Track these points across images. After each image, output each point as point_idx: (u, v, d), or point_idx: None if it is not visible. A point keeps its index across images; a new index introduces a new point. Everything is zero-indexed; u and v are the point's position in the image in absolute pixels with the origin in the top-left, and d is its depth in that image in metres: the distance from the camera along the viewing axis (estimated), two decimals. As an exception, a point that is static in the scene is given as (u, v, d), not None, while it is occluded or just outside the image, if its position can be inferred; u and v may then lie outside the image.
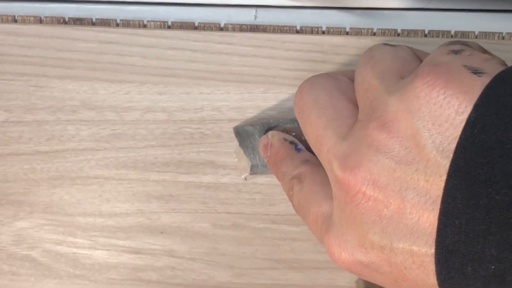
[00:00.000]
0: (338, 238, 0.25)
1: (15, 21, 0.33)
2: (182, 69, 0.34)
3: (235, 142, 0.33)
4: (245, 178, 0.34)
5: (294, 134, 0.32)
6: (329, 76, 0.28)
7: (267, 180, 0.34)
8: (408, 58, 0.26)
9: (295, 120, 0.32)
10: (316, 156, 0.28)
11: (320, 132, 0.26)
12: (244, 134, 0.32)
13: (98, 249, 0.35)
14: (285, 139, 0.31)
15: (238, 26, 0.33)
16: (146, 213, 0.35)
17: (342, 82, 0.27)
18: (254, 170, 0.33)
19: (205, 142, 0.34)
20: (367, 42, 0.32)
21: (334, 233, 0.25)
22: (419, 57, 0.26)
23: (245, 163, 0.33)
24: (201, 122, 0.34)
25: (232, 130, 0.33)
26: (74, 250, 0.35)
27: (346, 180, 0.24)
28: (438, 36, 0.32)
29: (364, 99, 0.26)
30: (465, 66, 0.23)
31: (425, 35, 0.32)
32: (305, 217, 0.28)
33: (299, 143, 0.31)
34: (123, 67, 0.34)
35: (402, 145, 0.23)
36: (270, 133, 0.32)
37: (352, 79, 0.28)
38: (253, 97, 0.34)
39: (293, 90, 0.33)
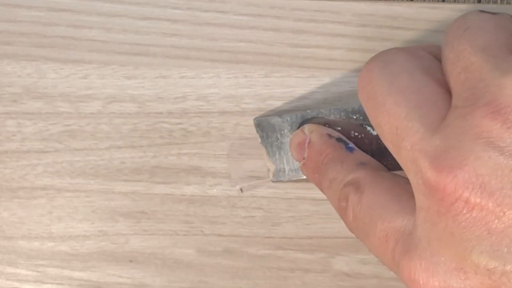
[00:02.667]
0: (425, 260, 0.25)
1: None
2: (157, 45, 0.33)
3: (227, 147, 0.33)
4: (241, 190, 0.34)
5: (339, 129, 0.31)
6: (407, 51, 0.28)
7: (270, 193, 0.34)
8: None
9: (342, 111, 0.31)
10: (374, 159, 0.29)
11: (400, 123, 0.26)
12: (269, 128, 0.32)
13: (46, 283, 0.35)
14: (329, 135, 0.31)
15: (232, -12, 0.33)
16: (110, 236, 0.35)
17: (425, 59, 0.27)
18: (278, 176, 0.33)
19: (188, 142, 0.34)
20: (398, 9, 0.32)
21: (419, 254, 0.25)
22: None
23: (268, 166, 0.33)
24: (182, 116, 0.34)
25: (253, 121, 0.33)
26: (16, 284, 0.35)
27: (442, 184, 0.24)
28: None
29: (462, 81, 0.25)
30: None
31: None
32: (367, 236, 0.28)
33: (349, 141, 0.31)
34: (79, 43, 0.33)
35: None
36: (307, 126, 0.31)
37: (436, 57, 0.28)
38: (251, 82, 0.33)
39: (304, 74, 0.33)
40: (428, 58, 0.28)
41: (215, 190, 0.34)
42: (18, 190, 0.34)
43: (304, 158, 0.31)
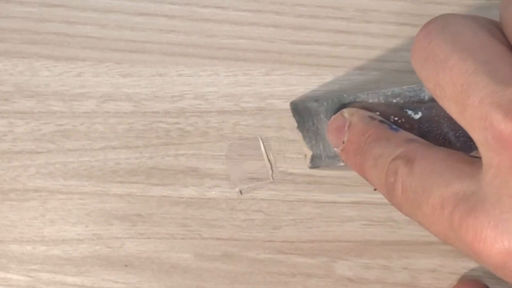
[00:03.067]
0: (494, 217, 0.24)
1: None
2: (154, 42, 0.33)
3: (226, 147, 0.33)
4: (240, 192, 0.33)
5: (378, 113, 0.31)
6: (466, 16, 0.27)
7: (270, 195, 0.34)
8: None
9: (381, 94, 0.31)
10: (420, 138, 0.28)
11: (467, 79, 0.25)
12: (305, 113, 0.32)
13: (39, 288, 0.35)
14: (372, 118, 0.31)
15: (231, -17, 0.33)
16: (105, 239, 0.34)
17: (487, 23, 0.27)
18: (315, 162, 0.32)
19: (185, 142, 0.34)
20: (403, 5, 0.32)
21: (487, 211, 0.25)
22: None
23: (304, 152, 0.32)
24: (180, 115, 0.34)
25: (289, 105, 0.33)
26: (7, 290, 0.35)
27: None
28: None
29: None
30: None
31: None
32: (418, 206, 0.27)
33: (391, 123, 0.30)
34: (73, 40, 0.33)
35: None
36: (346, 110, 0.31)
37: (497, 26, 0.27)
38: (251, 81, 0.33)
39: (306, 71, 0.33)
40: (489, 22, 0.27)
41: (213, 192, 0.34)
42: (9, 192, 0.34)
43: (343, 142, 0.31)
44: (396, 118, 0.30)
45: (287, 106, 0.33)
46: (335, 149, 0.31)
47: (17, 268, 0.35)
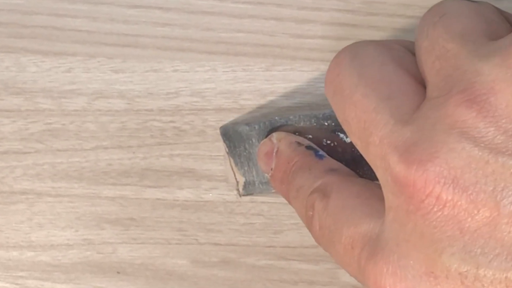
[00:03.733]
0: (392, 264, 0.25)
1: None
2: (148, 36, 0.33)
3: (223, 148, 0.33)
4: (240, 194, 0.33)
5: (311, 137, 0.32)
6: (378, 43, 0.28)
7: (271, 198, 0.34)
8: (495, 19, 0.26)
9: (312, 117, 0.32)
10: (343, 165, 0.29)
11: (368, 116, 0.26)
12: (236, 137, 0.33)
13: (26, 296, 0.35)
14: (299, 143, 0.31)
15: (230, -26, 0.33)
16: (96, 245, 0.34)
17: (398, 51, 0.28)
18: (248, 189, 0.33)
19: (181, 142, 0.34)
20: None
21: (386, 257, 0.25)
22: (507, 19, 0.27)
23: (236, 178, 0.33)
24: (175, 113, 0.34)
25: (218, 130, 0.33)
26: (-8, 298, 0.35)
27: (411, 179, 0.24)
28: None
29: (437, 70, 0.25)
30: None
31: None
32: (332, 244, 0.28)
33: (319, 149, 0.31)
34: (62, 34, 0.33)
35: (499, 127, 0.23)
36: (275, 135, 0.32)
37: (410, 50, 0.28)
38: (250, 77, 0.33)
39: (309, 67, 0.33)
40: (401, 50, 0.28)
41: (210, 194, 0.34)
42: (-5, 194, 0.35)
43: (272, 169, 0.32)
44: (328, 141, 0.31)
45: (289, 103, 0.33)
46: (266, 175, 0.32)
47: (3, 275, 0.35)
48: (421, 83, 0.26)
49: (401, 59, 0.27)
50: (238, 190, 0.33)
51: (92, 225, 0.34)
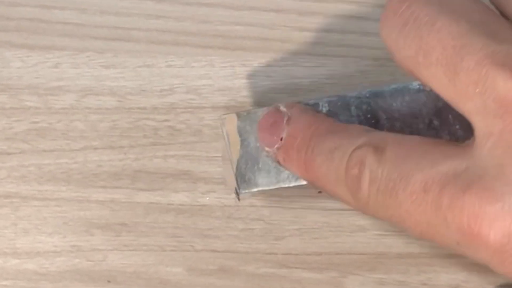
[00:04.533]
0: (494, 191, 0.24)
1: None
2: (140, 29, 0.33)
3: (222, 142, 0.33)
4: (238, 197, 0.33)
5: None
6: None
7: (272, 201, 0.34)
8: None
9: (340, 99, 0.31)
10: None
11: (460, 41, 0.25)
12: (247, 122, 0.32)
13: (10, 307, 0.35)
14: (314, 110, 0.30)
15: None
16: (85, 252, 0.34)
17: None
18: (248, 186, 0.32)
19: (176, 142, 0.34)
20: None
21: (484, 185, 0.24)
22: None
23: (236, 175, 0.32)
24: (170, 111, 0.33)
25: (219, 119, 0.32)
26: (-26, 309, 0.35)
27: None
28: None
29: None
30: None
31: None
32: (394, 195, 0.26)
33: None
34: (49, 27, 0.34)
35: None
36: (282, 104, 0.31)
37: None
38: (250, 72, 0.33)
39: (312, 62, 0.33)
40: None
41: (207, 198, 0.34)
42: (-23, 198, 0.35)
43: (281, 140, 0.30)
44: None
45: (290, 101, 0.32)
46: (267, 149, 0.31)
47: (-14, 284, 0.35)
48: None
49: None
50: (236, 191, 0.33)
51: (81, 231, 0.34)
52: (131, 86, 0.34)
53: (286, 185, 0.32)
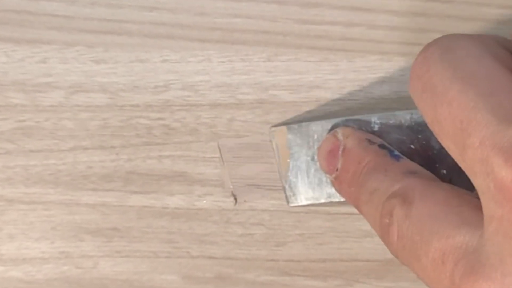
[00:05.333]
0: (495, 282, 0.25)
1: None
2: (133, 21, 0.33)
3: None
4: (235, 200, 0.33)
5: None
6: (472, 36, 0.28)
7: (273, 205, 0.34)
8: None
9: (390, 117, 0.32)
10: (423, 169, 0.29)
11: (467, 116, 0.25)
12: (297, 135, 0.32)
13: (-5, 317, 0.35)
14: (370, 141, 0.31)
15: None
16: (74, 258, 0.34)
17: (494, 46, 0.27)
18: (297, 200, 0.32)
19: (171, 142, 0.33)
20: None
21: (487, 274, 0.25)
22: None
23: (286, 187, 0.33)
24: (164, 109, 0.33)
25: (269, 132, 0.33)
26: (-43, 319, 0.35)
27: None
28: None
29: None
30: None
31: None
32: (416, 257, 0.27)
33: (393, 148, 0.31)
34: (36, 19, 0.33)
35: None
36: (340, 130, 0.32)
37: (507, 48, 0.28)
38: (250, 68, 0.33)
39: (316, 57, 0.33)
40: (496, 46, 0.28)
41: (204, 201, 0.34)
42: (-41, 201, 0.35)
43: (337, 170, 0.31)
44: (413, 146, 0.31)
45: (293, 98, 0.33)
46: (328, 176, 0.32)
47: (-31, 292, 0.35)
48: None
49: (499, 55, 0.27)
50: (233, 194, 0.33)
51: (70, 236, 0.34)
52: (123, 82, 0.33)
53: (337, 200, 0.32)
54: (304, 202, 0.33)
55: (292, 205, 0.33)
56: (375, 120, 0.32)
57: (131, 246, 0.34)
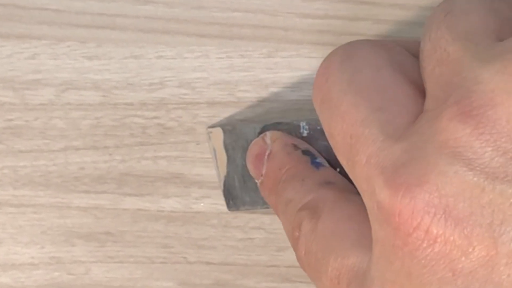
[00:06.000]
0: None
1: None
2: (127, 15, 0.33)
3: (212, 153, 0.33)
4: (228, 207, 0.33)
5: (326, 144, 0.31)
6: (376, 43, 0.28)
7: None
8: (509, 14, 0.26)
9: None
10: (343, 179, 0.29)
11: (356, 130, 0.25)
12: (232, 138, 0.33)
13: (-17, 325, 0.35)
14: (295, 146, 0.31)
15: None
16: (65, 264, 0.34)
17: (398, 54, 0.27)
18: (235, 204, 0.33)
19: (167, 142, 0.33)
20: None
21: None
22: None
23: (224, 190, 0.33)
24: (160, 107, 0.33)
25: (206, 133, 0.33)
26: None
27: (397, 208, 0.23)
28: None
29: (436, 77, 0.25)
30: None
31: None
32: (318, 274, 0.28)
33: (319, 155, 0.31)
34: (25, 13, 0.33)
35: (497, 148, 0.23)
36: (269, 134, 0.32)
37: (413, 53, 0.28)
38: (249, 64, 0.33)
39: (318, 53, 0.32)
40: (402, 53, 0.28)
41: (202, 204, 0.34)
42: None
43: (262, 175, 0.31)
44: None
45: (295, 96, 0.33)
46: (255, 180, 0.32)
47: (-45, 300, 0.35)
48: (422, 93, 0.26)
49: (402, 64, 0.27)
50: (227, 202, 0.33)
51: (61, 241, 0.34)
52: (117, 80, 0.33)
53: None
54: (242, 208, 0.33)
55: (231, 209, 0.33)
56: (304, 125, 0.32)
57: (125, 251, 0.34)
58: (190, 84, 0.33)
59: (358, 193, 0.28)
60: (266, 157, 0.31)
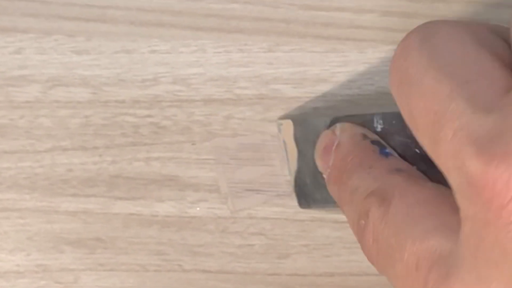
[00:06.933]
0: (471, 286, 0.24)
1: None
2: (118, 7, 0.32)
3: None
4: (232, 207, 0.33)
5: (401, 139, 0.31)
6: (458, 23, 0.27)
7: (275, 212, 0.33)
8: None
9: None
10: (413, 168, 0.29)
11: (441, 106, 0.25)
12: (303, 131, 0.32)
13: (-35, 338, 0.34)
14: (364, 136, 0.31)
15: None
16: (53, 272, 0.34)
17: (482, 32, 0.27)
18: (306, 202, 0.32)
19: (160, 142, 0.33)
20: None
21: (462, 279, 0.25)
22: None
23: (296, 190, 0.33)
24: (153, 105, 0.33)
25: (276, 124, 0.32)
26: None
27: (490, 179, 0.23)
28: None
29: None
30: None
31: None
32: (390, 263, 0.27)
33: (387, 145, 0.31)
34: (10, 5, 0.33)
35: None
36: (338, 125, 0.31)
37: (500, 34, 0.27)
38: (249, 59, 0.32)
39: (322, 47, 0.32)
40: (486, 32, 0.27)
41: (198, 208, 0.33)
42: None
43: (329, 167, 0.31)
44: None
45: (297, 93, 0.32)
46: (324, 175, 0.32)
47: None
48: (511, 71, 0.25)
49: (488, 40, 0.26)
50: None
51: (48, 247, 0.34)
52: (107, 76, 0.33)
53: None
54: (313, 206, 0.32)
55: (302, 207, 0.32)
56: (378, 119, 0.32)
57: (116, 258, 0.34)
58: (185, 80, 0.32)
59: (429, 181, 0.29)
60: (334, 148, 0.31)
